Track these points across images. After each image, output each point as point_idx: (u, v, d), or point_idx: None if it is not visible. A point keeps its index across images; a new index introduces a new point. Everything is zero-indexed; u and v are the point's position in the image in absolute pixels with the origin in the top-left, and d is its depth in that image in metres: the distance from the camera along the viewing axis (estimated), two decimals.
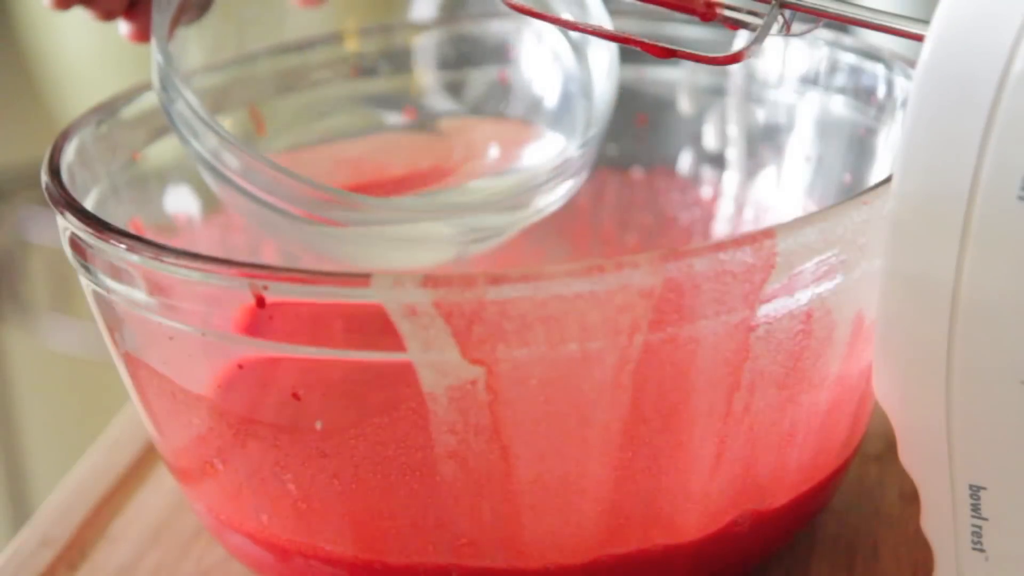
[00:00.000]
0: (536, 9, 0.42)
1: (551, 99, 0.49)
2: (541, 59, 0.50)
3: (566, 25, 0.45)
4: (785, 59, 0.49)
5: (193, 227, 0.48)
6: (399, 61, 0.51)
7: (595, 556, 0.37)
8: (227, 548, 0.42)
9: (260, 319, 0.34)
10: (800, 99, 0.49)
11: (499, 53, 0.51)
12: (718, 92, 0.51)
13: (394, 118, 0.51)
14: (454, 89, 0.51)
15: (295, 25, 0.50)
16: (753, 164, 0.51)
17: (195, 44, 0.46)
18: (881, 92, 0.46)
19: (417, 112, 0.51)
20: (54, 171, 0.40)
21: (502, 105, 0.50)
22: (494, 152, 0.50)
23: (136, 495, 0.47)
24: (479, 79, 0.51)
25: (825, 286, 0.35)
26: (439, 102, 0.51)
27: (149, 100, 0.46)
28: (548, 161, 0.47)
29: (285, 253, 0.50)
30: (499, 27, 0.51)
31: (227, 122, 0.48)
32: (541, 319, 0.33)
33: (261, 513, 0.38)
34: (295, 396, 0.36)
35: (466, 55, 0.51)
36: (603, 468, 0.36)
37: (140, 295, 0.36)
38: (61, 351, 1.13)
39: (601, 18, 0.45)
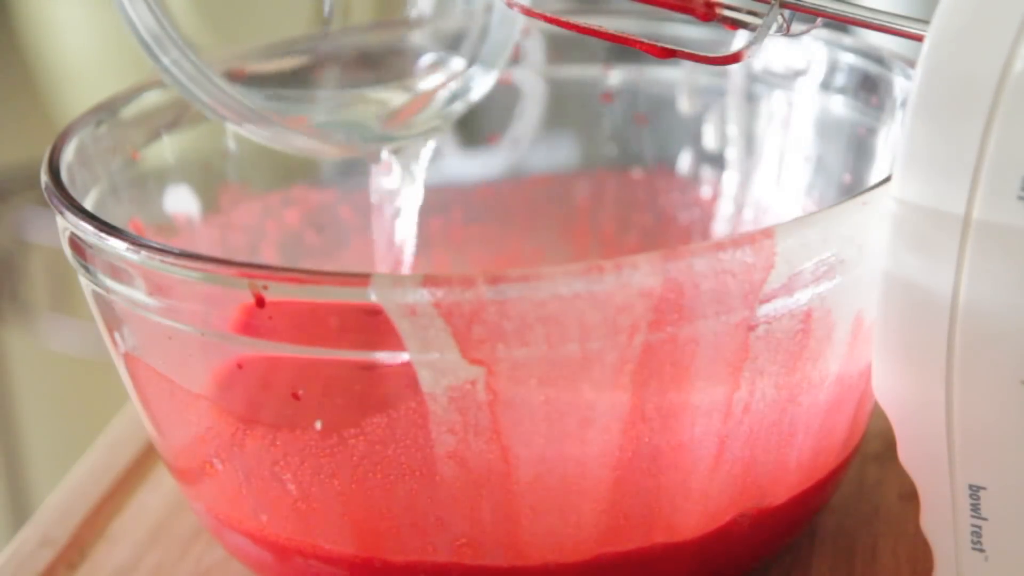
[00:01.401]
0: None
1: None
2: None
3: (564, 25, 0.45)
4: (785, 59, 0.49)
5: (193, 227, 0.48)
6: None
7: (595, 555, 0.37)
8: (227, 548, 0.42)
9: (259, 319, 0.34)
10: (800, 99, 0.49)
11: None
12: (718, 92, 0.51)
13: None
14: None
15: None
16: (753, 164, 0.51)
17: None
18: (881, 92, 0.46)
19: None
20: (54, 171, 0.40)
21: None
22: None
23: (136, 495, 0.47)
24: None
25: (825, 286, 0.35)
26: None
27: (149, 100, 0.46)
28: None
29: (285, 253, 0.50)
30: None
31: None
32: (541, 319, 0.33)
33: (260, 513, 0.38)
34: (295, 396, 0.36)
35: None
36: (603, 468, 0.36)
37: (140, 295, 0.36)
38: (61, 351, 1.13)
39: None
